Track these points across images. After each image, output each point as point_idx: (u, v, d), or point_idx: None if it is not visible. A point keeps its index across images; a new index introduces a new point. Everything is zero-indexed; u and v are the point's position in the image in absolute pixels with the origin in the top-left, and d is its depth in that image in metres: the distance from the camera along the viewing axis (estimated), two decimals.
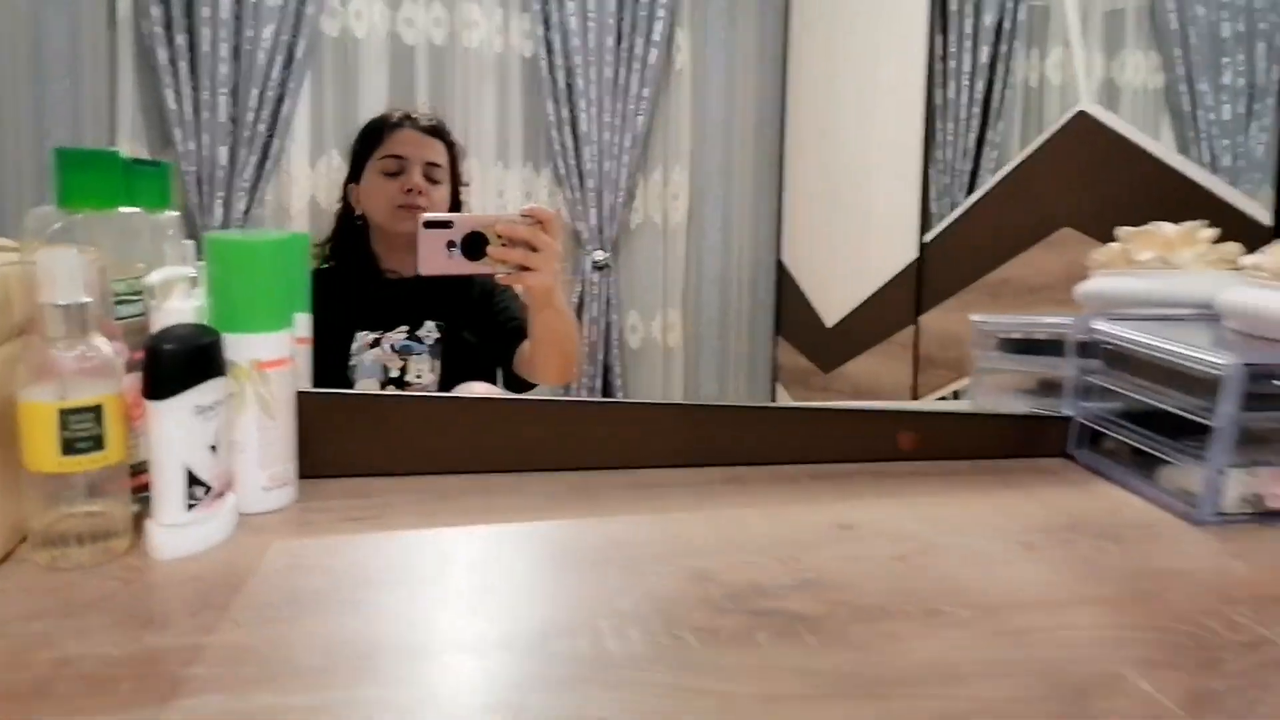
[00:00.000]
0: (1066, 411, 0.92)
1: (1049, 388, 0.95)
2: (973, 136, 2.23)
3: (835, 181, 2.53)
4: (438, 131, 1.50)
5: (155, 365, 0.59)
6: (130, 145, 2.28)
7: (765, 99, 2.80)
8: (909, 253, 2.27)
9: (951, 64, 2.24)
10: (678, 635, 0.53)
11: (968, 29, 2.21)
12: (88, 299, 0.57)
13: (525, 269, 0.91)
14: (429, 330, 1.44)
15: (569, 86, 2.56)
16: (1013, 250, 2.07)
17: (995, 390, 1.04)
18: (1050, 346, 0.94)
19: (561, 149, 2.59)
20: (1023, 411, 0.96)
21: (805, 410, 0.85)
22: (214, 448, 0.62)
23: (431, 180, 1.45)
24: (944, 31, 2.24)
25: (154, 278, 0.62)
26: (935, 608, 0.57)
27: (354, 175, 1.51)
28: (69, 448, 0.57)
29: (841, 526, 0.71)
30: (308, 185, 2.44)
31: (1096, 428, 0.89)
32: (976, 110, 2.23)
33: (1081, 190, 1.90)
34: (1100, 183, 1.85)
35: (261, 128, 2.32)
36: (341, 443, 0.77)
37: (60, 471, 0.57)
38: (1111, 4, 1.93)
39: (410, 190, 1.42)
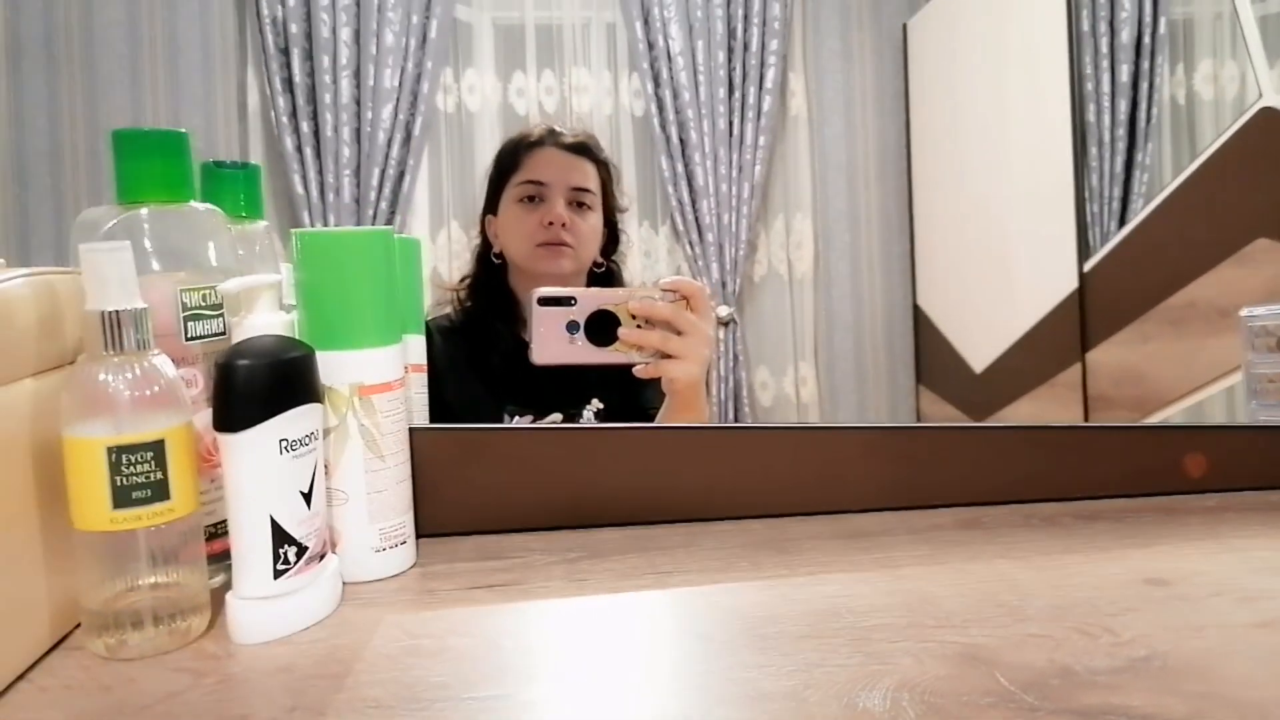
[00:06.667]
0: None
1: None
2: (1120, 160, 2.10)
3: (972, 217, 2.40)
4: (586, 150, 1.25)
5: (227, 386, 0.45)
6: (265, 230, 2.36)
7: (888, 138, 2.69)
8: (1067, 283, 2.09)
9: (1089, 86, 2.12)
10: None
11: (1104, 48, 2.10)
12: (144, 305, 0.45)
13: (666, 357, 0.72)
14: (592, 411, 1.18)
15: (682, 141, 2.52)
16: (1197, 269, 1.85)
17: None
18: None
19: (679, 204, 2.53)
20: None
21: (1056, 431, 0.66)
22: (307, 495, 0.48)
23: (579, 209, 1.22)
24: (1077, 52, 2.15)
25: (230, 285, 0.49)
26: None
27: (490, 205, 1.28)
28: (123, 498, 0.44)
29: (1151, 582, 0.51)
30: (429, 257, 2.44)
31: None
32: (1121, 132, 2.10)
33: (1277, 194, 1.65)
34: None
35: (384, 205, 2.35)
36: (468, 490, 0.62)
37: (115, 530, 0.44)
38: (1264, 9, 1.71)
39: (551, 223, 1.18)
